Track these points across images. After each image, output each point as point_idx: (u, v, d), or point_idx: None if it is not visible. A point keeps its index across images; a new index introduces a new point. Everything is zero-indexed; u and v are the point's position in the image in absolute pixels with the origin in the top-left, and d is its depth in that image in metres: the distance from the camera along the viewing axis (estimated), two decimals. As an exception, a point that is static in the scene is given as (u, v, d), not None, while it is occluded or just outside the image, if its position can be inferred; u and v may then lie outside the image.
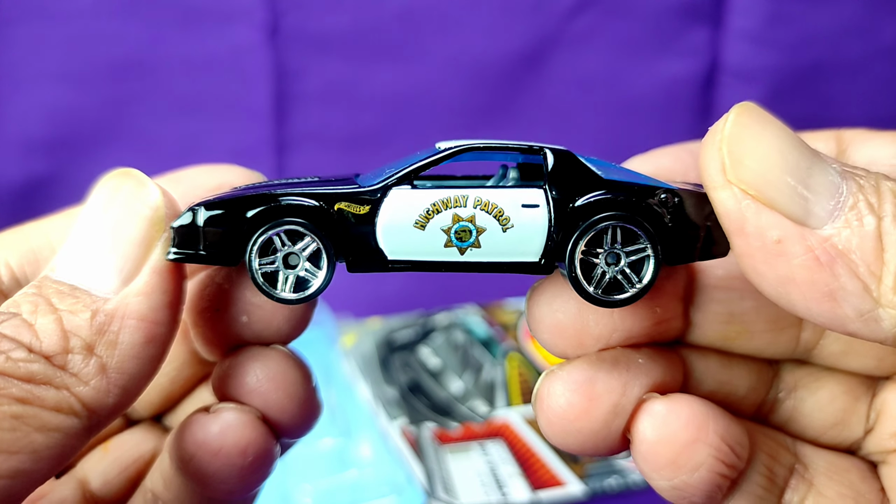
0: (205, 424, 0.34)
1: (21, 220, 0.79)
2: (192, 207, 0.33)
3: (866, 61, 1.05)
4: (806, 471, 0.36)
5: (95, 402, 0.29)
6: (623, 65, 1.05)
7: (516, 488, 0.71)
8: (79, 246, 0.32)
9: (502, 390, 0.86)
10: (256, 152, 1.04)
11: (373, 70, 1.02)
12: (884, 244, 0.27)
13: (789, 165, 0.28)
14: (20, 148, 1.01)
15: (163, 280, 0.31)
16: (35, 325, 0.29)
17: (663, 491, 0.33)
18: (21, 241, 0.38)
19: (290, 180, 0.37)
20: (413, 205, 0.32)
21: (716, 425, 0.32)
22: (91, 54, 0.98)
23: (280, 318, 0.36)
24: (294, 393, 0.35)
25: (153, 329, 0.31)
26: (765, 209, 0.28)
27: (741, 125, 0.29)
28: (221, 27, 0.99)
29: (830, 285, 0.28)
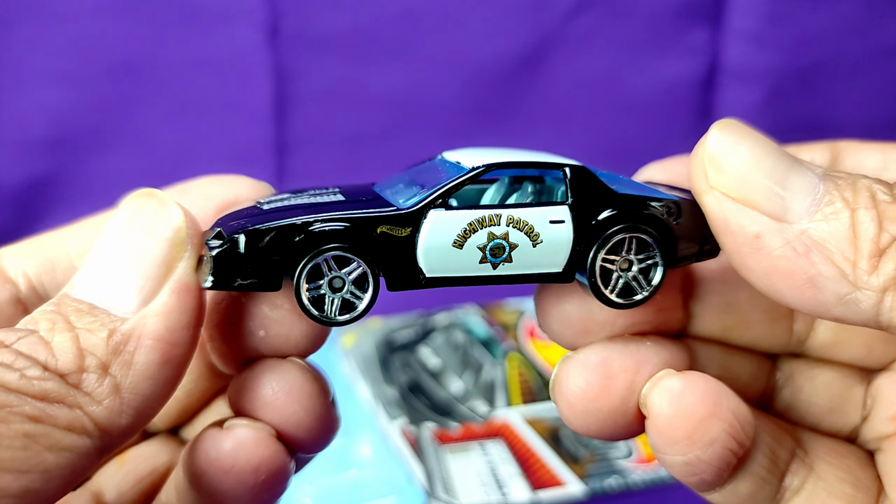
0: (217, 441, 0.33)
1: (21, 220, 0.79)
2: (231, 235, 0.32)
3: (866, 61, 1.05)
4: (806, 455, 0.36)
5: (108, 423, 0.29)
6: (623, 65, 1.05)
7: (516, 488, 0.71)
8: (99, 265, 0.32)
9: (502, 390, 0.86)
10: (256, 153, 1.04)
11: (373, 70, 1.02)
12: (857, 232, 0.29)
13: (766, 168, 0.31)
14: (20, 148, 1.01)
15: (182, 301, 0.31)
16: (52, 343, 0.29)
17: (674, 467, 0.34)
18: (38, 250, 0.38)
19: (311, 192, 0.37)
20: (451, 225, 0.34)
21: (729, 402, 0.33)
22: (91, 55, 0.98)
23: (298, 333, 0.35)
24: (311, 407, 0.35)
25: (170, 350, 0.30)
26: (745, 209, 0.31)
27: (721, 137, 0.32)
28: (221, 28, 0.99)
29: (809, 272, 0.30)
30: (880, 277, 0.29)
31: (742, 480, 0.35)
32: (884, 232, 0.29)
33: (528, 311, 0.98)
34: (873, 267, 0.29)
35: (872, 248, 0.29)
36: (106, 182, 1.04)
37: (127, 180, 1.13)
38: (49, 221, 1.06)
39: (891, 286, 0.29)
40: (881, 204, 0.30)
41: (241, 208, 0.36)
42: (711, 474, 0.34)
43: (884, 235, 0.29)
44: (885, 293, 0.29)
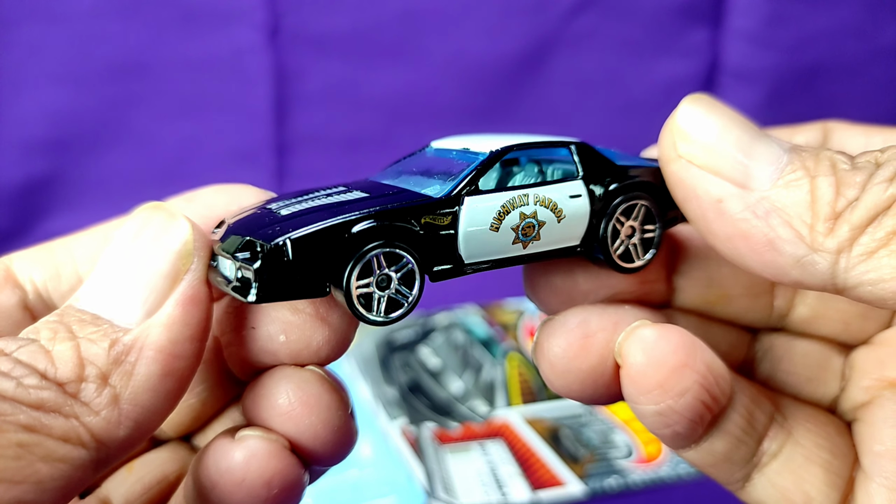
0: (228, 451, 0.32)
1: (21, 220, 0.79)
2: (272, 243, 0.30)
3: (866, 62, 1.05)
4: (785, 421, 0.37)
5: (105, 434, 0.28)
6: (623, 65, 1.05)
7: (516, 488, 0.71)
8: (105, 276, 0.31)
9: (502, 390, 0.86)
10: (256, 153, 1.04)
11: (373, 71, 1.03)
12: (814, 197, 0.30)
13: (731, 138, 0.32)
14: (20, 148, 1.01)
15: (186, 313, 0.31)
16: (52, 352, 0.28)
17: (648, 417, 0.34)
18: (46, 258, 0.38)
19: (324, 192, 0.36)
20: (486, 209, 0.34)
21: (703, 354, 0.33)
22: (91, 55, 0.98)
23: (320, 338, 0.34)
24: (328, 419, 0.33)
25: (172, 362, 0.30)
26: (709, 175, 0.32)
27: (690, 109, 0.34)
28: (221, 28, 0.99)
29: (768, 235, 0.31)
30: (835, 240, 0.30)
31: (717, 439, 0.35)
32: (840, 197, 0.30)
33: (527, 311, 0.98)
34: (829, 230, 0.30)
35: (829, 211, 0.30)
36: (106, 182, 1.04)
37: (127, 180, 1.13)
38: (49, 221, 1.07)
39: (845, 248, 0.30)
40: (840, 172, 0.31)
41: (250, 213, 0.35)
42: (684, 426, 0.34)
43: (840, 200, 0.30)
44: (840, 255, 0.30)
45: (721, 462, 0.36)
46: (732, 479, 0.36)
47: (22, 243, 0.38)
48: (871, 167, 0.31)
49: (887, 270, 0.29)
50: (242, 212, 0.35)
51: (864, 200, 0.30)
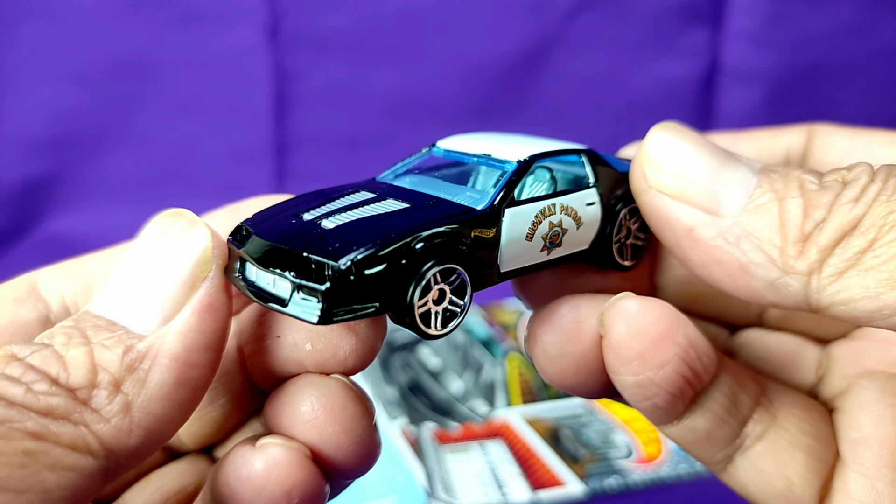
0: (249, 460, 0.31)
1: (21, 220, 0.79)
2: (343, 264, 0.29)
3: (865, 62, 1.05)
4: (771, 404, 0.37)
5: (115, 442, 0.27)
6: (623, 65, 1.05)
7: (516, 488, 0.71)
8: (122, 283, 0.31)
9: (502, 390, 0.86)
10: (256, 153, 1.04)
11: (373, 71, 1.03)
12: (783, 220, 0.31)
13: (700, 166, 0.33)
14: (21, 148, 1.01)
15: (202, 321, 0.30)
16: (65, 357, 0.28)
17: (628, 389, 0.34)
18: (77, 272, 0.37)
19: (346, 195, 0.35)
20: (522, 219, 0.35)
21: (685, 329, 0.34)
22: (92, 55, 0.98)
23: (347, 348, 0.33)
24: (352, 428, 0.32)
25: (186, 371, 0.29)
26: (680, 204, 0.33)
27: (658, 139, 0.34)
28: (222, 28, 0.99)
29: (741, 260, 0.32)
30: (805, 262, 0.30)
31: (699, 416, 0.35)
32: (808, 219, 0.30)
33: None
34: (798, 252, 0.30)
35: (797, 234, 0.30)
36: (106, 181, 1.04)
37: (127, 180, 1.13)
38: (49, 221, 1.07)
39: (815, 269, 0.30)
40: (808, 193, 0.31)
41: (279, 220, 0.33)
42: (664, 399, 0.34)
43: (808, 222, 0.30)
44: (811, 276, 0.30)
45: (703, 440, 0.36)
46: (714, 460, 0.36)
47: (22, 243, 0.38)
48: (838, 186, 0.31)
49: (857, 290, 0.29)
50: (263, 218, 0.34)
51: (831, 221, 0.30)
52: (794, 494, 0.35)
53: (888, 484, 0.34)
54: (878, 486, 0.34)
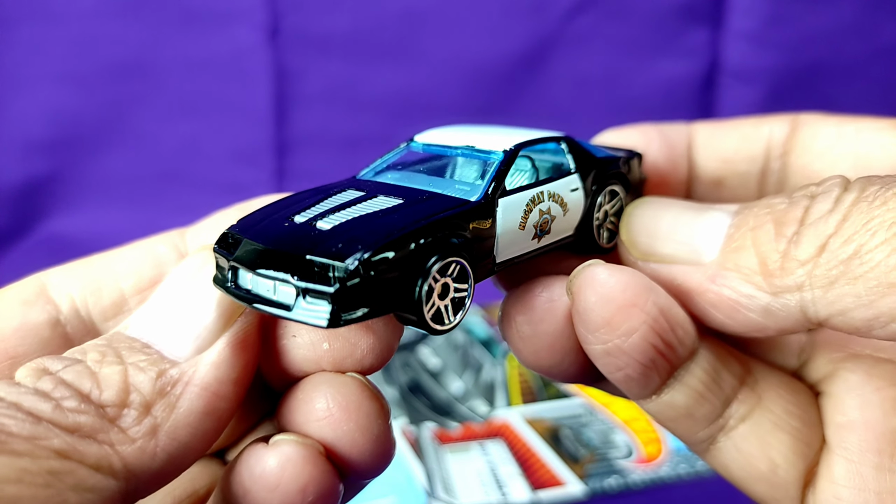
0: (262, 457, 0.30)
1: (21, 220, 0.79)
2: (346, 264, 0.28)
3: (865, 62, 1.05)
4: (756, 385, 0.36)
5: (138, 464, 0.27)
6: (623, 65, 1.05)
7: (516, 488, 0.71)
8: (158, 308, 0.31)
9: (502, 390, 0.86)
10: (256, 153, 1.04)
11: (373, 71, 1.03)
12: (757, 246, 0.32)
13: (668, 227, 0.35)
14: (21, 148, 1.01)
15: (234, 355, 0.30)
16: (98, 374, 0.28)
17: (598, 359, 0.34)
18: (86, 272, 0.37)
19: (333, 194, 0.35)
20: (515, 209, 0.35)
21: (657, 298, 0.33)
22: (92, 55, 0.98)
23: (364, 347, 0.33)
24: (367, 426, 0.32)
25: (215, 402, 0.30)
26: (666, 266, 0.35)
27: (628, 215, 0.37)
28: (222, 28, 0.99)
29: (731, 297, 0.32)
30: (792, 278, 0.30)
31: (678, 392, 0.34)
32: (781, 237, 0.31)
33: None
34: (780, 270, 0.31)
35: (775, 255, 0.31)
36: (106, 182, 1.05)
37: (127, 180, 1.13)
38: (49, 221, 1.07)
39: (804, 283, 0.30)
40: (777, 213, 0.32)
41: (269, 223, 0.33)
42: (636, 370, 0.33)
43: (781, 241, 0.31)
44: (801, 291, 0.30)
45: (682, 417, 0.35)
46: (697, 439, 0.36)
47: (22, 243, 0.38)
48: (807, 201, 0.31)
49: (850, 299, 0.29)
50: (252, 223, 0.33)
51: (806, 234, 0.30)
52: (778, 477, 0.35)
53: (873, 468, 0.34)
54: (863, 471, 0.34)
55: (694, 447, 0.37)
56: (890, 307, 0.28)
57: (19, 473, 0.24)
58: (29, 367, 0.28)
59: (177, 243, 0.39)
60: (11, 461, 0.24)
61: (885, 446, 0.34)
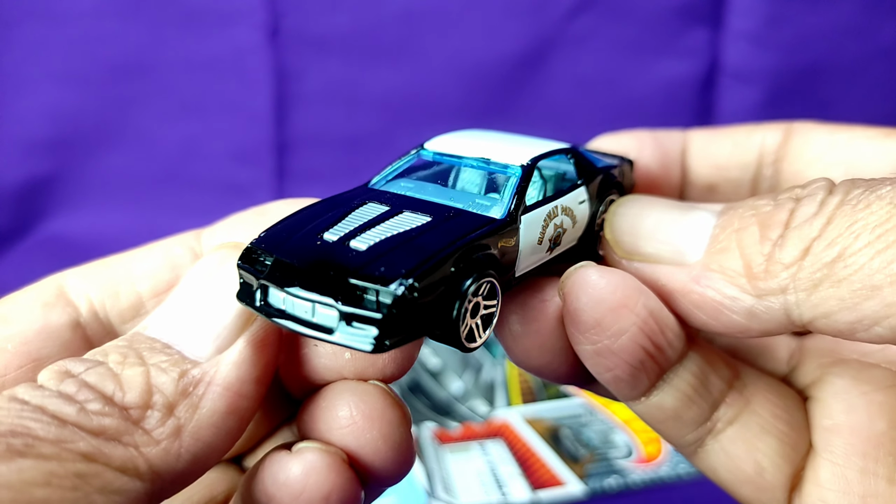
0: (286, 464, 0.31)
1: (21, 220, 0.79)
2: (393, 290, 0.28)
3: (865, 62, 1.05)
4: (745, 388, 0.36)
5: (163, 466, 0.27)
6: (623, 65, 1.05)
7: (516, 488, 0.71)
8: (177, 308, 0.31)
9: (502, 390, 0.86)
10: (256, 153, 1.04)
11: (373, 71, 1.03)
12: (742, 248, 0.32)
13: (652, 226, 0.35)
14: (21, 148, 1.01)
15: (255, 354, 0.30)
16: (121, 376, 0.28)
17: (588, 359, 0.34)
18: (103, 274, 0.37)
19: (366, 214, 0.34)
20: (534, 225, 0.35)
21: (647, 301, 0.33)
22: (92, 55, 0.98)
23: (385, 356, 0.33)
24: (389, 434, 0.32)
25: (237, 401, 0.30)
26: (650, 265, 0.35)
27: (612, 214, 0.37)
28: (222, 28, 0.99)
29: (715, 299, 0.32)
30: (775, 280, 0.30)
31: (666, 394, 0.35)
32: (765, 240, 0.31)
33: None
34: (765, 272, 0.31)
35: (759, 257, 0.31)
36: (107, 181, 1.04)
37: (127, 180, 1.13)
38: (49, 221, 1.07)
39: (788, 286, 0.30)
40: (762, 215, 0.32)
41: (300, 242, 0.32)
42: (625, 371, 0.34)
43: (765, 244, 0.31)
44: (786, 294, 0.30)
45: (670, 419, 0.35)
46: (685, 442, 0.36)
47: (22, 243, 0.38)
48: (792, 203, 0.31)
49: (834, 302, 0.29)
50: (279, 239, 0.32)
51: (790, 237, 0.30)
52: (765, 480, 0.35)
53: (858, 472, 0.34)
54: (848, 474, 0.34)
55: (682, 449, 0.37)
56: (873, 310, 0.28)
57: (47, 477, 0.24)
58: (51, 370, 0.28)
59: (192, 245, 0.39)
60: (39, 464, 0.24)
61: (870, 450, 0.34)
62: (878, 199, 0.29)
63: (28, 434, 0.25)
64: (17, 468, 0.24)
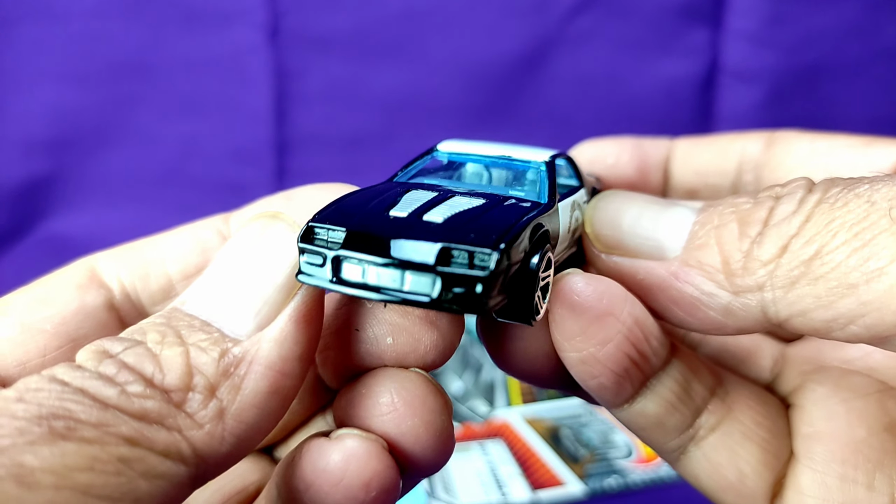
0: (326, 451, 0.30)
1: (21, 220, 0.79)
2: (492, 251, 0.28)
3: (866, 62, 1.05)
4: (727, 396, 0.37)
5: (207, 449, 0.26)
6: (623, 65, 1.05)
7: (516, 488, 0.71)
8: (216, 282, 0.30)
9: (502, 390, 0.86)
10: (256, 153, 1.04)
11: (373, 71, 1.03)
12: (721, 244, 0.32)
13: (632, 221, 0.35)
14: (21, 148, 1.01)
15: (298, 330, 0.29)
16: (160, 356, 0.27)
17: (573, 367, 0.34)
18: (133, 257, 0.37)
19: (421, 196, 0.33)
20: (565, 214, 0.36)
21: (633, 309, 0.33)
22: (92, 54, 0.98)
23: (428, 343, 0.33)
24: (431, 422, 0.31)
25: (280, 380, 0.28)
26: (629, 260, 0.35)
27: (593, 208, 0.37)
28: (222, 28, 0.99)
29: (693, 294, 0.32)
30: (753, 277, 0.30)
31: (649, 401, 0.35)
32: (744, 237, 0.31)
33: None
34: (742, 269, 0.31)
35: (737, 254, 0.31)
36: (107, 181, 1.04)
37: (128, 179, 1.13)
38: (50, 221, 1.07)
39: (765, 283, 0.30)
40: (741, 213, 0.32)
41: (355, 216, 0.31)
42: (610, 379, 0.33)
43: (744, 241, 0.31)
44: (762, 291, 0.30)
45: (653, 426, 0.35)
46: (668, 448, 0.36)
47: (22, 243, 0.38)
48: (771, 201, 0.31)
49: (810, 300, 0.29)
50: (343, 216, 0.31)
51: (769, 235, 0.30)
52: (746, 487, 0.35)
53: (837, 478, 0.34)
54: (828, 481, 0.34)
55: (665, 456, 0.37)
56: (849, 308, 0.28)
57: (90, 461, 0.23)
58: (89, 350, 0.27)
59: (220, 228, 0.38)
60: (82, 448, 0.23)
61: (849, 457, 0.34)
62: (857, 198, 0.29)
63: (70, 417, 0.24)
64: (59, 452, 0.23)
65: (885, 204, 0.28)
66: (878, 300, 0.27)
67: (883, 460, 0.34)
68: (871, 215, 0.28)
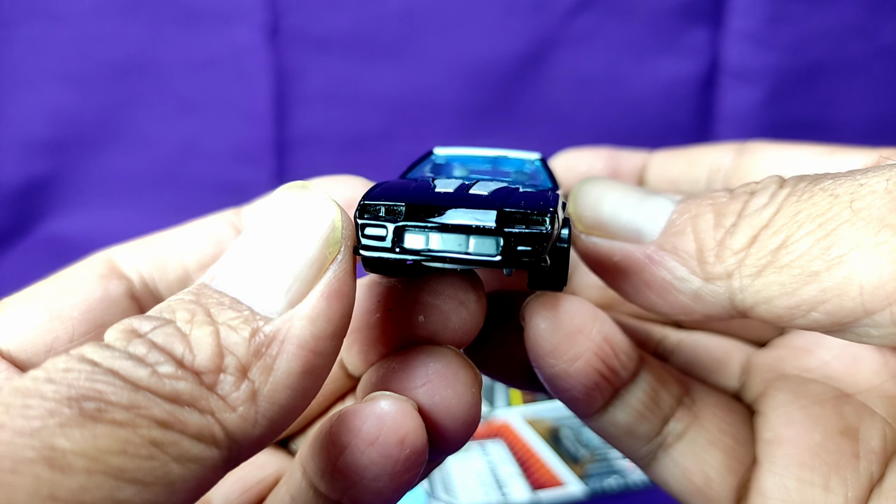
0: (360, 412, 0.30)
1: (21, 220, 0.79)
2: (549, 213, 0.30)
3: (867, 62, 1.05)
4: (693, 404, 0.38)
5: (240, 433, 0.26)
6: (623, 65, 1.05)
7: (516, 488, 0.71)
8: (245, 257, 0.29)
9: (502, 390, 0.86)
10: (257, 153, 1.04)
11: (373, 71, 1.02)
12: (696, 232, 0.33)
13: (620, 206, 0.36)
14: (21, 148, 1.01)
15: (331, 307, 0.28)
16: (189, 336, 0.26)
17: (548, 381, 0.36)
18: (150, 249, 0.37)
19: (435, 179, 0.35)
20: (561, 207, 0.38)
21: (602, 327, 0.35)
22: (91, 55, 0.98)
23: (457, 321, 0.33)
24: (462, 394, 0.32)
25: (312, 359, 0.27)
26: (607, 241, 0.36)
27: (577, 190, 0.38)
28: (221, 28, 0.99)
29: (665, 278, 0.34)
30: (723, 265, 0.32)
31: (620, 411, 0.37)
32: (719, 227, 0.32)
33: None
34: (715, 257, 0.32)
35: (711, 242, 0.32)
36: (106, 181, 1.04)
37: (127, 180, 1.13)
38: (49, 221, 1.07)
39: (734, 271, 0.31)
40: (718, 205, 0.33)
41: (406, 192, 0.32)
42: (580, 392, 0.35)
43: (719, 230, 0.32)
44: (731, 279, 0.31)
45: (623, 434, 0.37)
46: (639, 455, 0.38)
47: (22, 243, 0.38)
48: (746, 196, 0.33)
49: (775, 288, 0.30)
50: (396, 193, 0.32)
51: (742, 225, 0.32)
52: (713, 491, 0.37)
53: (796, 481, 0.36)
54: (788, 484, 0.36)
55: (637, 462, 0.39)
56: (811, 295, 0.29)
57: (122, 444, 0.23)
58: (117, 329, 0.26)
59: (233, 221, 0.39)
60: (113, 431, 0.23)
61: (807, 460, 0.36)
62: (821, 191, 0.30)
63: (101, 399, 0.23)
64: (91, 435, 0.22)
65: (847, 197, 0.29)
66: (838, 286, 0.28)
67: (838, 462, 0.35)
68: (834, 207, 0.29)
